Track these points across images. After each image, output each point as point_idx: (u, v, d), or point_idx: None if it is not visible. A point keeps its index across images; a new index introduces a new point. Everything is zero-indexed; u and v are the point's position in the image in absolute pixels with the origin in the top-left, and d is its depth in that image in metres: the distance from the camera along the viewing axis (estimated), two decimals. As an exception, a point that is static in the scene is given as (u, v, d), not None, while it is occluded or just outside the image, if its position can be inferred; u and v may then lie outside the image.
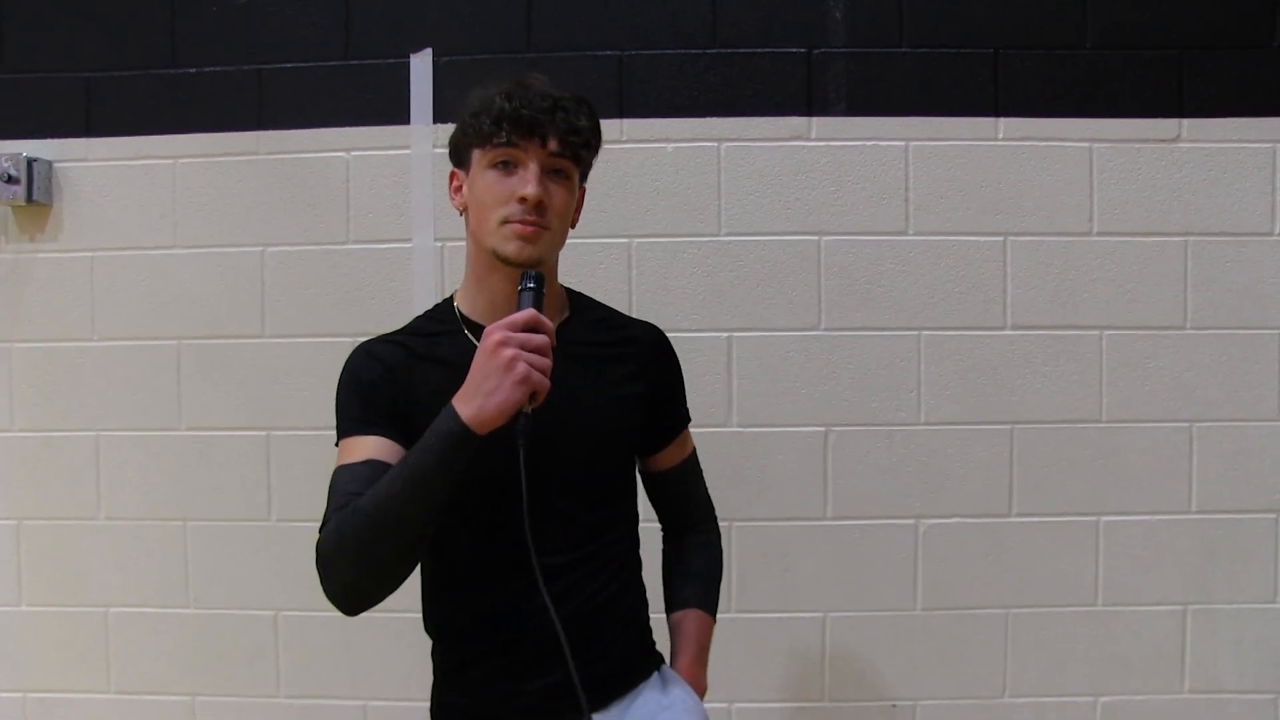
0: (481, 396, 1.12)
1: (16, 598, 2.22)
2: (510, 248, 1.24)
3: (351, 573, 1.18)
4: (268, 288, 2.17)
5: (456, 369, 1.17)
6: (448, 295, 1.40)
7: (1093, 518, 2.12)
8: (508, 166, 1.26)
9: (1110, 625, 2.12)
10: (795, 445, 2.12)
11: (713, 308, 2.13)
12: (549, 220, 1.26)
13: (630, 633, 1.41)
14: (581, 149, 1.28)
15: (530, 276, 1.19)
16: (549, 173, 1.26)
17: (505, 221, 1.24)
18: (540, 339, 1.13)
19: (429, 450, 1.13)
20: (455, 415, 1.12)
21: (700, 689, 1.43)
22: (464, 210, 1.32)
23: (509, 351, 1.11)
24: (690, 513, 1.52)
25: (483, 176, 1.27)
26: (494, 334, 1.13)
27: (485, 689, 1.32)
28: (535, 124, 1.24)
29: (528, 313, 1.15)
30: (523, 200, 1.23)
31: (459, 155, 1.34)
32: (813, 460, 2.12)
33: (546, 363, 1.14)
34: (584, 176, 1.36)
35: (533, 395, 1.13)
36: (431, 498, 1.15)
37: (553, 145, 1.25)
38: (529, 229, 1.23)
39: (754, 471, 2.12)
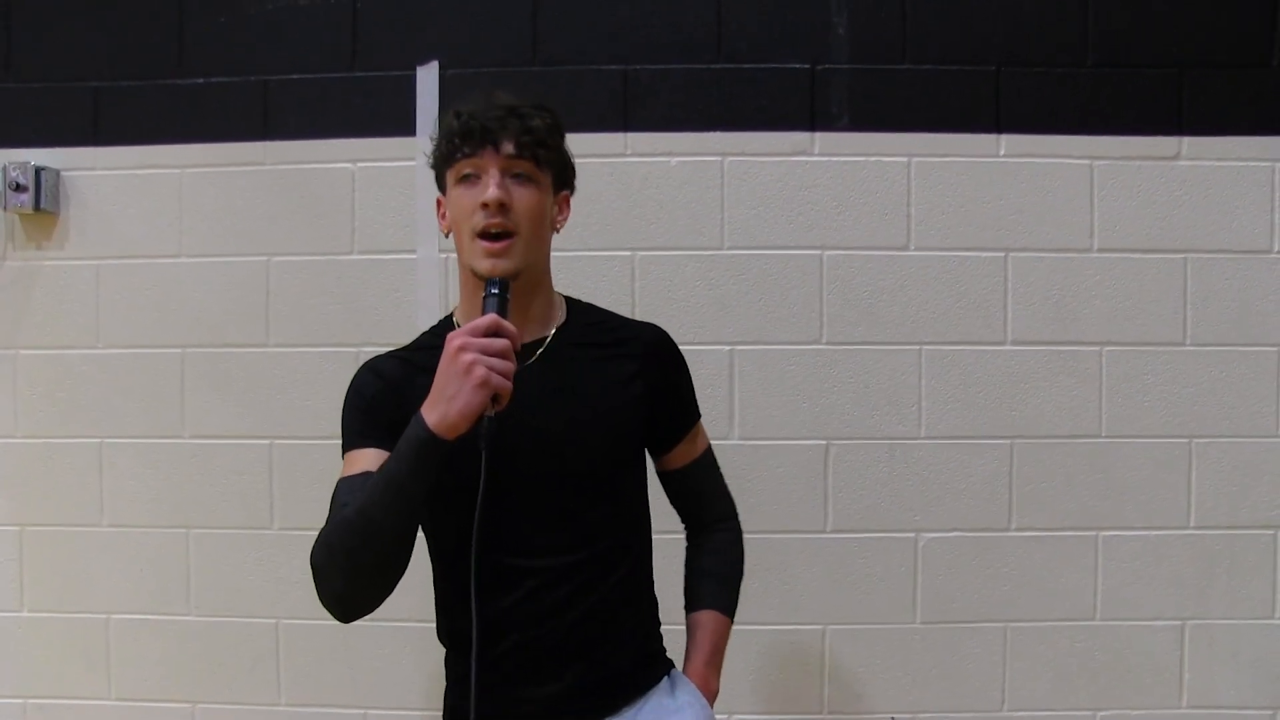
0: (444, 402, 1.15)
1: (19, 603, 2.22)
2: (483, 265, 1.27)
3: (340, 579, 1.22)
4: (272, 297, 2.18)
5: None
6: (450, 308, 1.43)
7: (1092, 532, 2.13)
8: (471, 179, 1.29)
9: (1109, 640, 2.13)
10: (796, 458, 2.13)
11: (715, 321, 2.13)
12: (515, 222, 1.27)
13: (639, 637, 1.41)
14: (538, 148, 1.29)
15: (494, 283, 1.23)
16: (511, 176, 1.28)
17: (475, 235, 1.27)
18: (501, 343, 1.16)
19: (401, 458, 1.17)
20: (422, 422, 1.16)
21: (710, 691, 1.43)
22: (449, 233, 1.35)
23: (468, 356, 1.14)
24: (707, 510, 1.53)
25: (453, 194, 1.31)
26: (454, 340, 1.16)
27: (494, 695, 1.32)
28: (486, 132, 1.26)
29: (488, 318, 1.18)
30: (485, 205, 1.25)
31: (438, 181, 1.37)
32: (813, 473, 2.13)
33: (508, 366, 1.16)
34: (563, 184, 1.38)
35: (496, 398, 1.16)
36: (407, 504, 1.18)
37: (507, 148, 1.27)
38: (497, 245, 1.26)
39: (754, 484, 2.12)
